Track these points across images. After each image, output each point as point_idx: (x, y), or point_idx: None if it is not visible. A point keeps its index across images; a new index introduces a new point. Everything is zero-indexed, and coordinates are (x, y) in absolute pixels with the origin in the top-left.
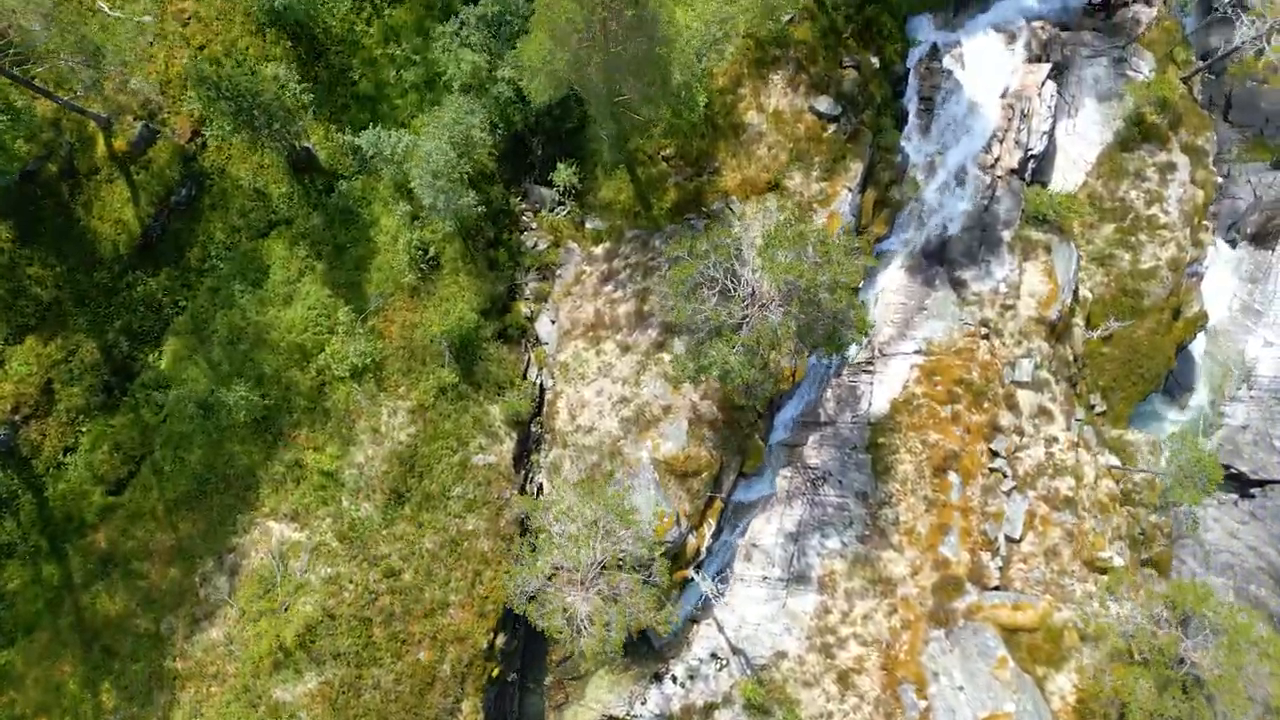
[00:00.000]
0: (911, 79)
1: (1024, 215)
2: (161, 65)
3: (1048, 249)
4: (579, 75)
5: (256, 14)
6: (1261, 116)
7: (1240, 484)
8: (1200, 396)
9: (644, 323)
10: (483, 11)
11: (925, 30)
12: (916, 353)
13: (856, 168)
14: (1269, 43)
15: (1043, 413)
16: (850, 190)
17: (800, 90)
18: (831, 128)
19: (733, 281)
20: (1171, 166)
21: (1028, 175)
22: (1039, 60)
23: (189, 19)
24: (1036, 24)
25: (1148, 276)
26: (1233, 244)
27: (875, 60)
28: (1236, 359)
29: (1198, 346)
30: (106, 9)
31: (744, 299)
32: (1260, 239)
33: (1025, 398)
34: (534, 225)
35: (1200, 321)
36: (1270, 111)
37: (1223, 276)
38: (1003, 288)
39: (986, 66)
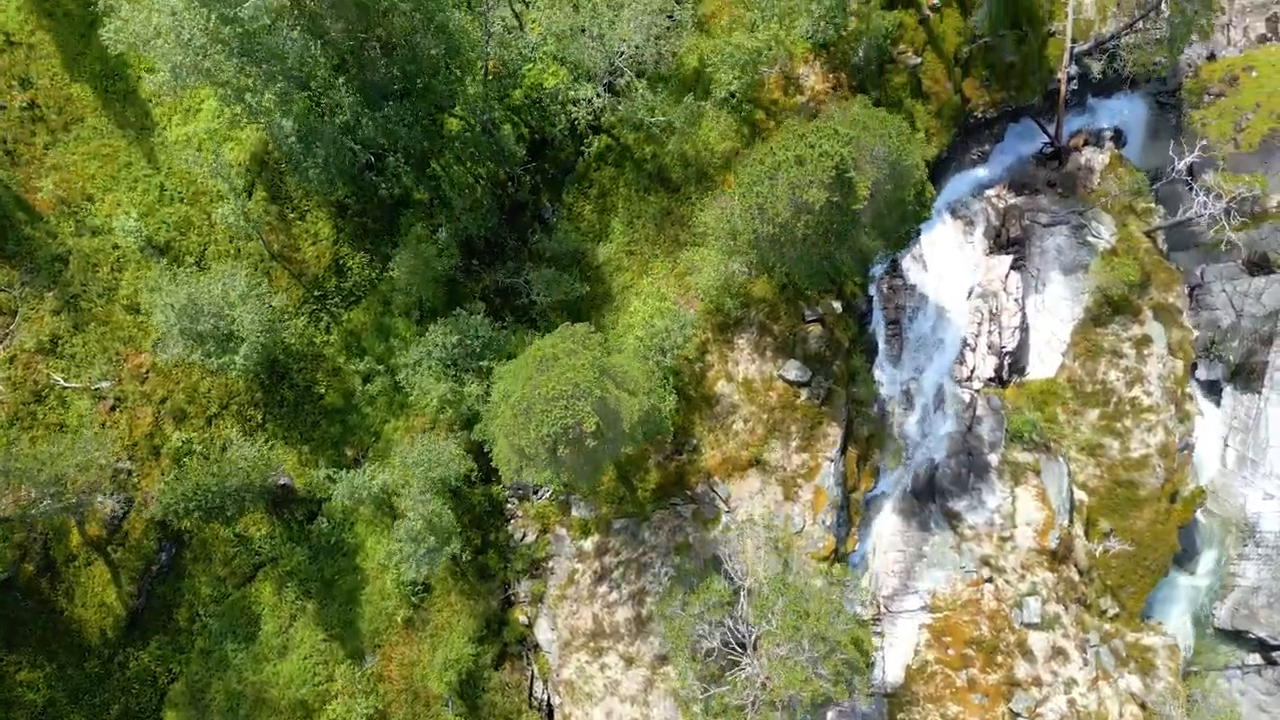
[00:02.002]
0: (875, 304)
1: (1008, 435)
2: (125, 430)
3: (1037, 471)
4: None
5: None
6: None
7: (1262, 649)
8: (1207, 560)
9: (644, 630)
10: (441, 341)
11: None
12: (922, 609)
13: (835, 432)
14: (1228, 221)
15: (1058, 653)
16: (832, 460)
17: (767, 355)
18: (804, 394)
19: (731, 642)
20: (1147, 340)
21: (1005, 371)
22: (999, 243)
23: (147, 373)
24: (991, 193)
25: (1140, 466)
26: (1217, 385)
27: (837, 305)
28: (1238, 514)
29: None
30: (61, 381)
31: (746, 680)
32: (1245, 376)
33: (1038, 641)
34: (520, 514)
35: (1199, 499)
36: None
37: (1212, 424)
38: (998, 519)
39: (948, 263)
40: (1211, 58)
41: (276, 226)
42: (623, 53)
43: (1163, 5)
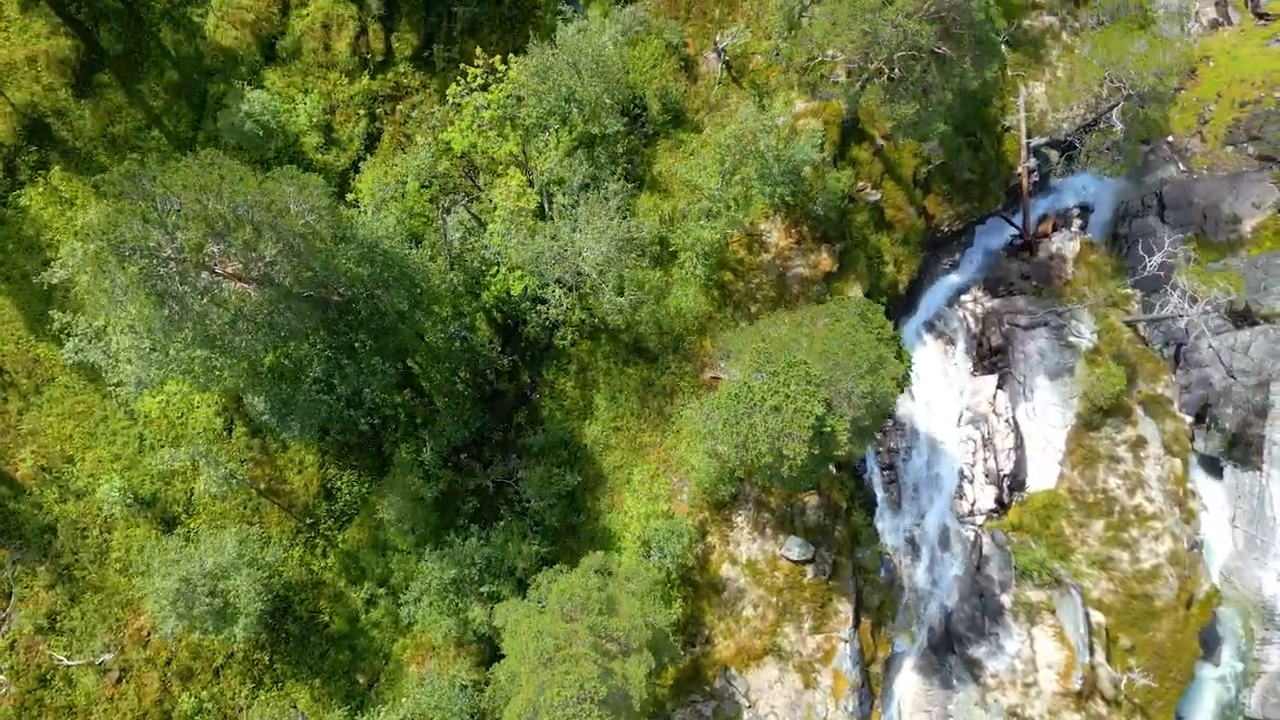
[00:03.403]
0: (868, 454)
1: (1017, 573)
2: (134, 701)
3: (1051, 609)
4: None
5: None
6: (1199, 212)
7: None
8: (1230, 648)
9: None
10: (438, 575)
11: None
12: None
13: (846, 609)
14: (1208, 326)
15: None
16: (846, 640)
17: (767, 532)
18: (809, 571)
19: None
20: (1142, 441)
21: (1005, 494)
22: (981, 354)
23: (148, 635)
24: (967, 299)
25: (1152, 577)
26: (1217, 464)
27: (831, 467)
28: (1255, 598)
29: None
30: (64, 660)
31: None
32: (1243, 449)
33: None
34: None
35: (1214, 600)
36: (1206, 205)
37: (1218, 506)
38: (1018, 665)
39: (934, 389)
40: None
41: (260, 460)
42: (584, 267)
43: (1113, 115)
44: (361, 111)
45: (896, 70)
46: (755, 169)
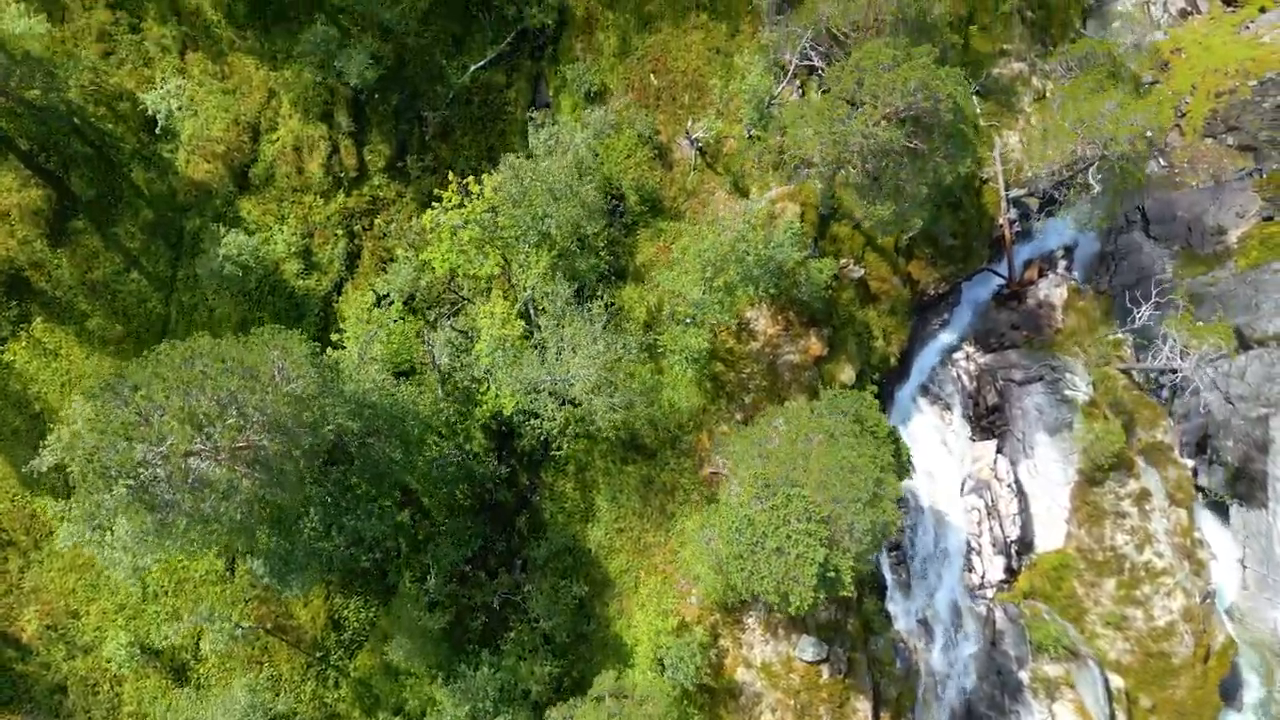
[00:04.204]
0: None
1: (1033, 647)
2: None
3: (1070, 683)
4: None
5: None
6: (1183, 225)
7: None
8: (1251, 691)
9: None
10: (451, 714)
11: None
12: None
13: (864, 707)
14: (1201, 375)
15: None
16: None
17: (779, 633)
18: (825, 671)
19: None
20: (1146, 494)
21: (1014, 560)
22: (979, 413)
23: None
24: (959, 356)
25: (1167, 635)
26: (1222, 504)
27: None
28: (1271, 640)
29: None
30: None
31: None
32: (1247, 484)
33: None
34: None
35: (1231, 650)
36: (1190, 218)
37: (1225, 545)
38: None
39: (935, 459)
40: (1138, 46)
41: (266, 598)
42: (574, 392)
43: (1089, 173)
44: (339, 231)
45: (869, 165)
46: (737, 273)
